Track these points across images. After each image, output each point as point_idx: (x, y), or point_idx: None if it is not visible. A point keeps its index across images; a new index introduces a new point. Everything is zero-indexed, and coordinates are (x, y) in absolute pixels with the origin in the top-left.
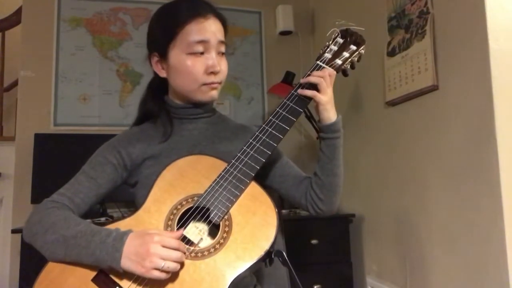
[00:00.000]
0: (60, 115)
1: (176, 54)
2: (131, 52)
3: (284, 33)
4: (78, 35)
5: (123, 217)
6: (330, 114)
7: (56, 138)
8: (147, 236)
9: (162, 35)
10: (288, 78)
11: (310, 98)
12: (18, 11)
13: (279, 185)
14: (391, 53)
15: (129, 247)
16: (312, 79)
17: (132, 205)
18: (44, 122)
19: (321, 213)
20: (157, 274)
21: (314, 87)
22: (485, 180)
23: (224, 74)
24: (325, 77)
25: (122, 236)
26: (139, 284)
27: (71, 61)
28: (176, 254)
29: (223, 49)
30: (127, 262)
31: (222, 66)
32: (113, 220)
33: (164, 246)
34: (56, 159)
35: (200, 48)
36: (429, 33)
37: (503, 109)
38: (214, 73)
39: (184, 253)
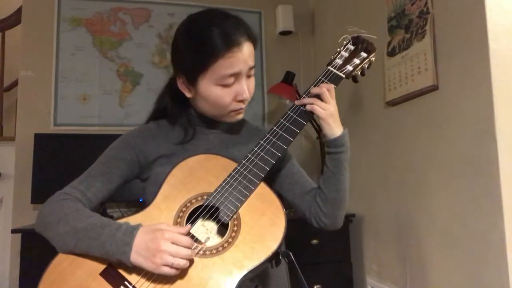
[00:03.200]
0: (60, 115)
1: (205, 85)
2: (131, 52)
3: (284, 33)
4: (78, 35)
5: (135, 211)
6: (333, 129)
7: (56, 138)
8: (158, 232)
9: (192, 63)
10: (288, 78)
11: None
12: (18, 11)
13: (286, 192)
14: (391, 53)
15: (140, 242)
16: (307, 102)
17: (133, 205)
18: (44, 122)
19: (324, 227)
20: (166, 271)
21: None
22: (485, 180)
23: (251, 94)
24: (323, 93)
25: (132, 230)
26: (147, 280)
27: (71, 61)
28: (186, 252)
29: (252, 72)
30: (136, 257)
31: (250, 88)
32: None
33: (174, 243)
34: (56, 159)
35: (231, 80)
36: (429, 33)
37: (503, 109)
38: (242, 100)
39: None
